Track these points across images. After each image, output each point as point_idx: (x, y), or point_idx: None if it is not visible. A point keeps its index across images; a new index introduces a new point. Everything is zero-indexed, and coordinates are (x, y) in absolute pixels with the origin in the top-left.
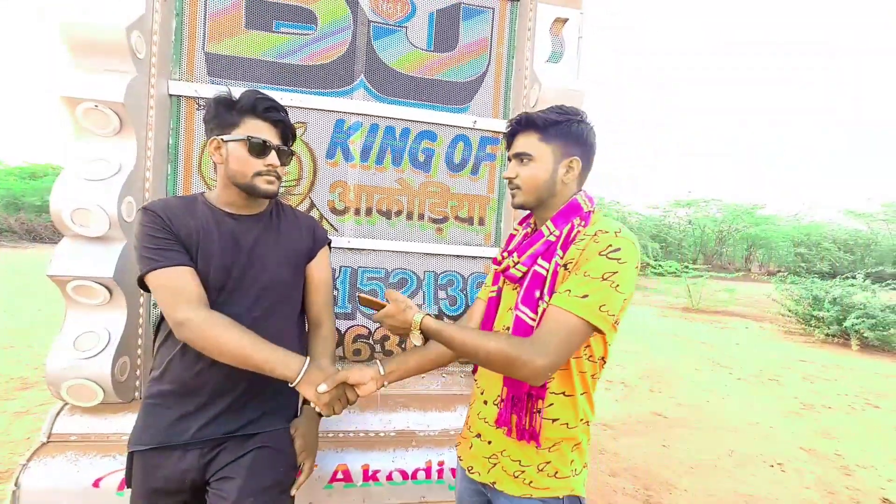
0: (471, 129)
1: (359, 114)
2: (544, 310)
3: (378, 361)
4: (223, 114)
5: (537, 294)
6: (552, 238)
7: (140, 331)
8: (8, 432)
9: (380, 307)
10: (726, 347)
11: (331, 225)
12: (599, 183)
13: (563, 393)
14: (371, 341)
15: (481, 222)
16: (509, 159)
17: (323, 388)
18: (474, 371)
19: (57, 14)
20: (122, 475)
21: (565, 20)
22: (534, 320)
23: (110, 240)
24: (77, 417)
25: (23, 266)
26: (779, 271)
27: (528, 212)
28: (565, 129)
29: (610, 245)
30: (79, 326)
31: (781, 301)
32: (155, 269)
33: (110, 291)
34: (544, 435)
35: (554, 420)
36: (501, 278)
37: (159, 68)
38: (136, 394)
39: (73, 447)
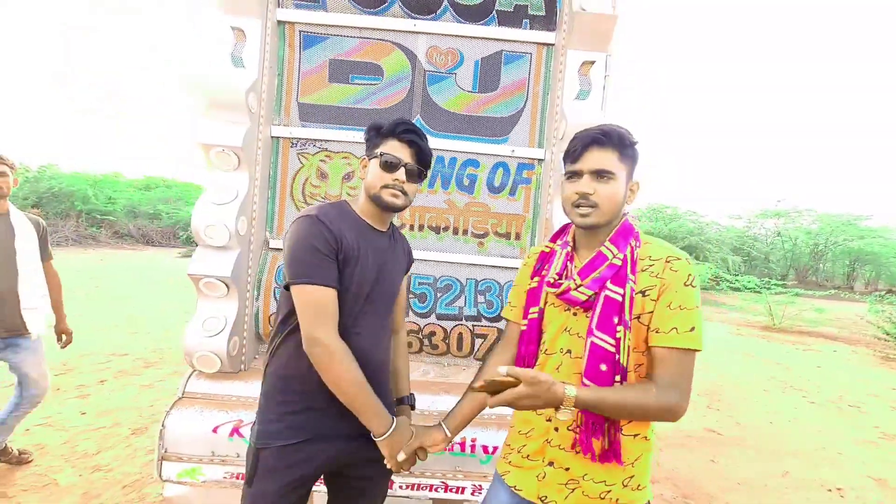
0: (509, 157)
1: None
2: (619, 338)
3: (442, 424)
4: (372, 138)
5: (615, 320)
6: (617, 262)
7: (246, 318)
8: (137, 399)
9: (507, 386)
10: (805, 370)
11: None
12: (674, 191)
13: None
14: (420, 336)
15: (517, 237)
16: (575, 174)
17: (402, 456)
18: None
19: (199, 83)
20: (231, 425)
21: (592, 62)
22: (613, 346)
23: (229, 248)
24: (202, 381)
25: (140, 265)
26: (890, 290)
27: (560, 228)
28: (635, 151)
29: (689, 274)
30: (206, 313)
31: (877, 323)
32: (308, 284)
33: (228, 287)
34: (625, 451)
35: (635, 436)
36: (544, 299)
37: (266, 117)
38: (242, 367)
39: (199, 402)
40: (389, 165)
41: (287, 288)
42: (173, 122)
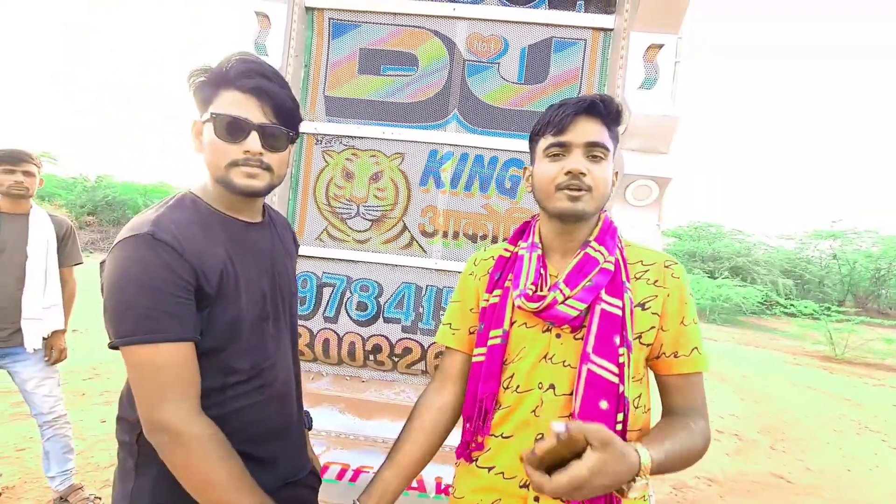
0: None
1: (451, 144)
2: (622, 363)
3: (355, 502)
4: (200, 89)
5: (616, 340)
6: (608, 266)
7: None
8: None
9: (568, 454)
10: (880, 408)
11: (420, 247)
12: (717, 208)
13: None
14: None
15: None
16: (561, 147)
17: None
18: (467, 455)
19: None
20: None
21: (660, 46)
22: (616, 375)
23: None
24: None
25: None
26: None
27: (520, 228)
28: (618, 133)
29: (688, 281)
30: None
31: None
32: (146, 343)
33: None
34: None
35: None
36: (510, 317)
37: None
38: None
39: None
40: (232, 130)
41: (115, 347)
42: None
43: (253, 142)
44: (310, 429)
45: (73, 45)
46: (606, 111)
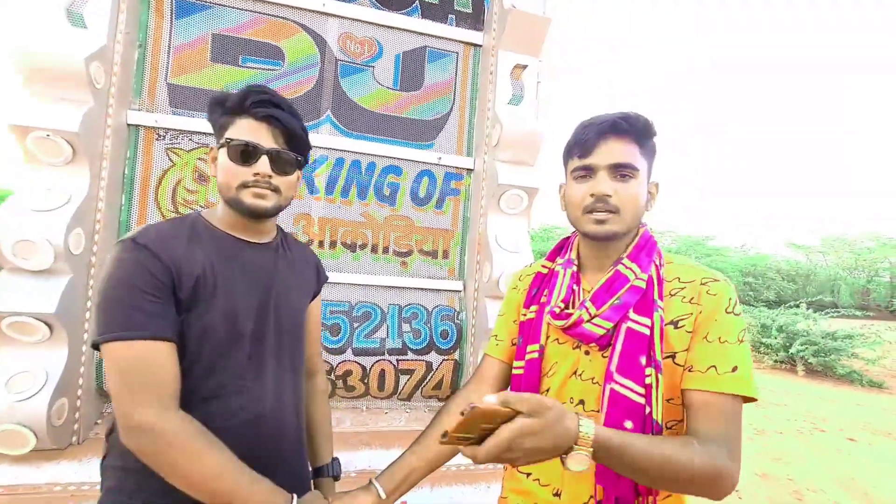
0: (436, 164)
1: (324, 148)
2: (650, 384)
3: (374, 481)
4: (215, 116)
5: (642, 360)
6: (640, 284)
7: (82, 369)
8: None
9: (494, 424)
10: None
11: None
12: (543, 208)
13: None
14: (332, 377)
15: (445, 255)
16: (586, 170)
17: None
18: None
19: (12, 41)
20: None
21: (524, 66)
22: (641, 395)
23: (54, 273)
24: (3, 468)
25: None
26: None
27: (558, 244)
28: (655, 145)
29: (730, 299)
30: (12, 366)
31: None
32: (121, 340)
33: (51, 328)
34: None
35: None
36: (545, 333)
37: (118, 98)
38: (74, 438)
39: None
40: (244, 154)
41: (96, 348)
42: None
43: (262, 165)
44: (337, 478)
45: None
46: (632, 127)
